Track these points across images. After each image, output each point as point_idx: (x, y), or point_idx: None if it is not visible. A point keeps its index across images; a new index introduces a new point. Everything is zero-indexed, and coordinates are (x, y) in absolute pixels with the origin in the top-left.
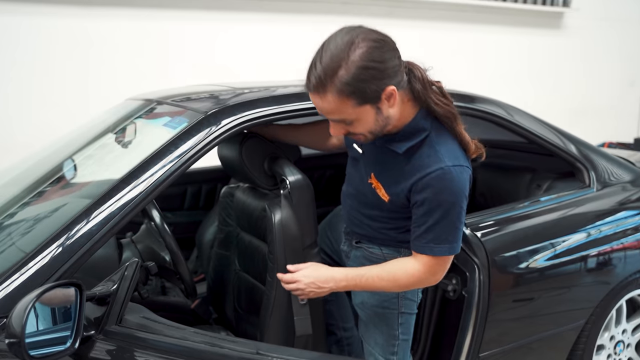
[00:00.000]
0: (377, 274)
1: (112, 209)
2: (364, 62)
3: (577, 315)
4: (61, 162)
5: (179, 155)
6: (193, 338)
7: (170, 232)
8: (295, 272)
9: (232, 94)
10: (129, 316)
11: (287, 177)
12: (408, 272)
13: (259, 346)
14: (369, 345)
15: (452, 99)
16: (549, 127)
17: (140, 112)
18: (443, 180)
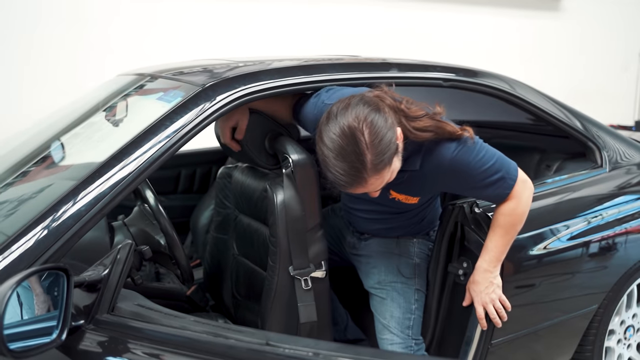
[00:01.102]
0: (498, 239)
1: (102, 188)
2: (375, 138)
3: (590, 300)
4: (47, 141)
5: (175, 130)
6: (194, 327)
7: (165, 214)
8: (476, 306)
9: (228, 67)
10: (122, 304)
11: (290, 155)
12: (516, 205)
13: (269, 336)
14: (384, 319)
15: (423, 110)
16: (557, 103)
17: (133, 87)
18: (457, 166)
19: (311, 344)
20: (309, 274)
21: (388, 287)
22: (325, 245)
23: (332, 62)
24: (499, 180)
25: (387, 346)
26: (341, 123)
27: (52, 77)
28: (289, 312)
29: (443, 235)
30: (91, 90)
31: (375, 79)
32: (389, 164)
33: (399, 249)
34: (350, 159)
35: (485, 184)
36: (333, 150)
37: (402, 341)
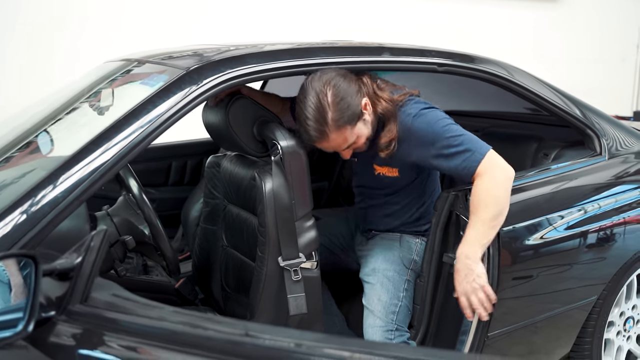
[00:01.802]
0: (477, 224)
1: (80, 174)
2: (336, 98)
3: (589, 291)
4: (31, 128)
5: (158, 115)
6: (172, 318)
7: (149, 203)
8: (458, 296)
9: (219, 51)
10: (96, 293)
11: (279, 141)
12: (489, 186)
13: (249, 327)
14: (371, 304)
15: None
16: (556, 90)
17: (119, 72)
18: (420, 128)
19: (294, 335)
20: (299, 265)
21: (380, 274)
22: (316, 235)
23: (322, 46)
24: (465, 152)
25: (368, 330)
26: (313, 85)
27: (44, 67)
28: (278, 304)
29: (437, 223)
30: (78, 78)
31: (367, 62)
32: (350, 125)
33: (401, 244)
34: (316, 115)
35: (451, 153)
36: (305, 109)
37: (384, 324)
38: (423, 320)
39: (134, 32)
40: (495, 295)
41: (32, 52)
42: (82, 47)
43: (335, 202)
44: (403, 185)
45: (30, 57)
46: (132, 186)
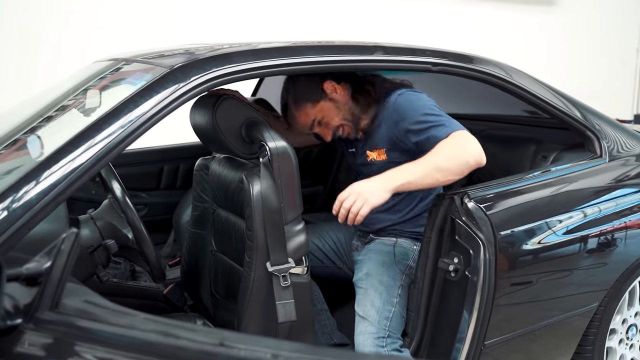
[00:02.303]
0: (427, 158)
1: (57, 175)
2: (297, 84)
3: (590, 298)
4: (11, 130)
5: (140, 114)
6: (143, 326)
7: (132, 206)
8: (339, 196)
9: (212, 49)
10: (67, 300)
11: (267, 142)
12: (450, 145)
13: (225, 336)
14: (363, 310)
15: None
16: (555, 92)
17: (106, 72)
18: (401, 104)
19: (271, 344)
20: (288, 270)
21: (373, 279)
22: (306, 240)
23: (312, 45)
24: (437, 127)
25: (359, 337)
26: None
27: (32, 69)
28: (266, 311)
29: (432, 228)
30: (65, 78)
31: (358, 62)
32: (309, 103)
33: (397, 249)
34: (284, 95)
35: (422, 128)
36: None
37: (376, 331)
38: (417, 328)
39: (129, 34)
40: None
41: (20, 53)
42: (73, 47)
43: (330, 206)
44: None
45: (19, 58)
46: (115, 189)
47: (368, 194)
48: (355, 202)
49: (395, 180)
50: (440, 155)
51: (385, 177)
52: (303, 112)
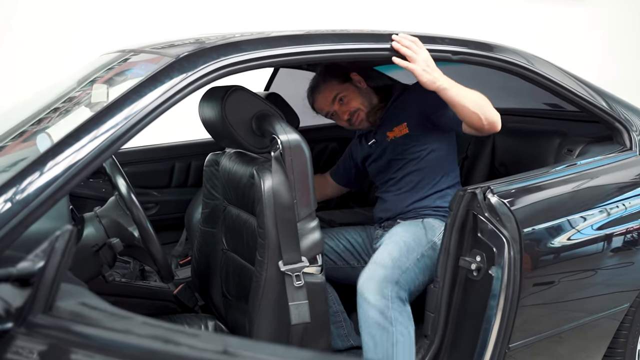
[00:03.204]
0: (464, 88)
1: (56, 170)
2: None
3: (620, 298)
4: (15, 125)
5: (143, 105)
6: (140, 331)
7: (139, 203)
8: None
9: (223, 39)
10: (62, 302)
11: (279, 135)
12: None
13: (228, 342)
14: (376, 257)
15: None
16: (579, 81)
17: (113, 63)
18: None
19: (278, 352)
20: (302, 270)
21: (398, 237)
22: (320, 238)
23: (325, 33)
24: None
25: (363, 282)
26: None
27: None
28: (279, 313)
29: (453, 224)
30: (74, 71)
31: (374, 50)
32: (336, 80)
33: (426, 224)
34: (316, 77)
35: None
36: None
37: (384, 275)
38: (438, 330)
39: (141, 30)
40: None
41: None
42: (83, 42)
43: (345, 204)
44: (417, 147)
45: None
46: (120, 185)
47: (429, 60)
48: (415, 51)
49: (444, 78)
50: (474, 92)
51: (441, 74)
52: (329, 87)
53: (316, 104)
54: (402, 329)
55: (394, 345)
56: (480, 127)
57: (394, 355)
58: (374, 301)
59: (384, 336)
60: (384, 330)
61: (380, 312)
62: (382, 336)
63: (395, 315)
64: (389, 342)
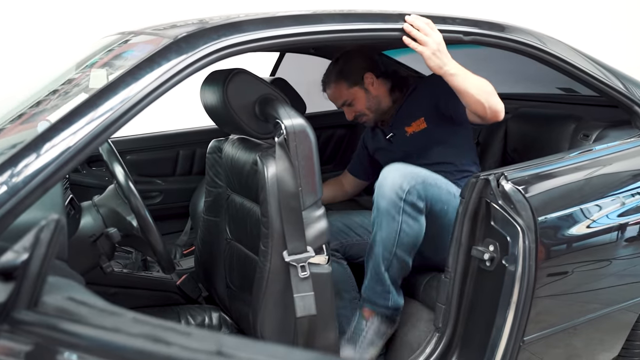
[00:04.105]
0: (472, 74)
1: (47, 157)
2: (344, 65)
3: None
4: (9, 111)
5: (140, 89)
6: (130, 329)
7: (137, 191)
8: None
9: (227, 19)
10: (48, 297)
11: (283, 119)
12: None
13: (223, 342)
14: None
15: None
16: (595, 62)
17: (113, 45)
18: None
19: (278, 353)
20: (307, 260)
21: None
22: (326, 227)
23: (332, 13)
24: None
25: (379, 188)
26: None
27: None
28: (283, 305)
29: (465, 213)
30: (74, 54)
31: (383, 30)
32: (346, 84)
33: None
34: (331, 67)
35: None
36: None
37: (401, 182)
38: (449, 322)
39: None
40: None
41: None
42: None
43: None
44: (437, 140)
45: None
46: (118, 173)
47: (441, 44)
48: (427, 33)
49: (453, 63)
50: (480, 79)
51: (451, 59)
52: (338, 89)
53: (327, 95)
54: (410, 222)
55: (397, 232)
56: (483, 114)
57: (396, 241)
58: (391, 185)
59: (390, 223)
60: (392, 218)
61: (393, 197)
62: (388, 223)
63: (406, 210)
64: (392, 228)
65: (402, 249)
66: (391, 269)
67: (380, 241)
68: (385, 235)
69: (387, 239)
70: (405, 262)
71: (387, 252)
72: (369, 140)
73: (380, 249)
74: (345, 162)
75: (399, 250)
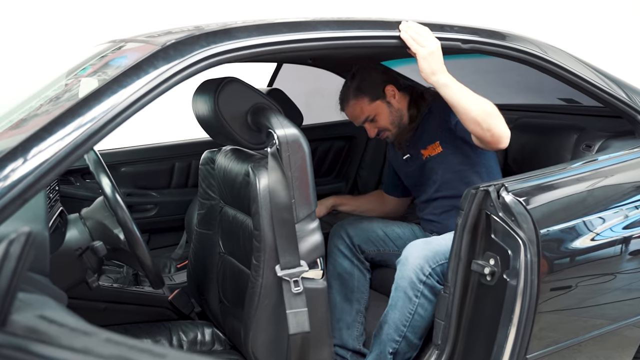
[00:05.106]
0: (472, 93)
1: (26, 167)
2: (364, 79)
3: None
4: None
5: (125, 97)
6: (101, 350)
7: (124, 204)
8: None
9: (223, 27)
10: (18, 315)
11: (275, 129)
12: (490, 104)
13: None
14: (435, 240)
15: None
16: (597, 71)
17: (104, 53)
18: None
19: None
20: (300, 275)
21: None
22: (321, 240)
23: (325, 20)
24: None
25: (408, 248)
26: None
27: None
28: (276, 321)
29: (464, 225)
30: (67, 63)
31: (379, 38)
32: (367, 98)
33: None
34: (346, 83)
35: None
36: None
37: (429, 256)
38: (449, 339)
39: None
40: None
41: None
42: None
43: None
44: (454, 165)
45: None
46: (104, 184)
47: (437, 53)
48: (421, 40)
49: (446, 74)
50: (481, 98)
51: (445, 71)
52: (359, 105)
53: (346, 113)
54: (426, 305)
55: (411, 314)
56: (481, 136)
57: (409, 323)
58: (413, 267)
59: (406, 304)
60: (408, 299)
61: (414, 279)
62: (404, 304)
63: (425, 292)
64: (407, 309)
65: (412, 332)
66: (397, 355)
67: (392, 322)
68: (398, 316)
69: (400, 320)
70: (413, 345)
71: (397, 334)
72: (393, 159)
73: (391, 330)
74: (344, 173)
75: (410, 333)
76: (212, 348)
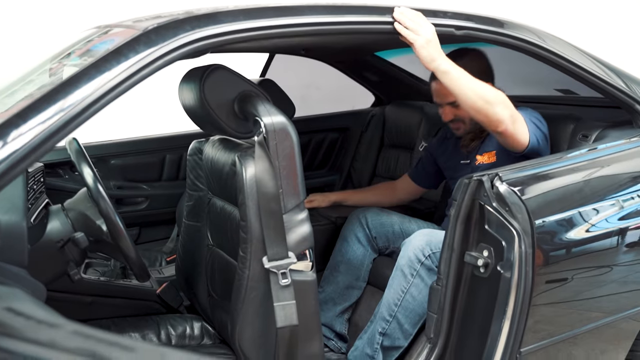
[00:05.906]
0: (474, 79)
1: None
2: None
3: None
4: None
5: (104, 82)
6: (67, 344)
7: (106, 194)
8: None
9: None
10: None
11: (262, 117)
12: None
13: (168, 357)
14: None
15: None
16: (595, 59)
17: (89, 38)
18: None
19: None
20: (288, 267)
21: None
22: (310, 231)
23: (315, 4)
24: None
25: (415, 234)
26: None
27: None
28: (263, 314)
29: (457, 216)
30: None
31: (370, 23)
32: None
33: None
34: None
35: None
36: None
37: (432, 241)
38: (441, 332)
39: None
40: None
41: None
42: None
43: None
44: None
45: None
46: (86, 174)
47: (434, 39)
48: (416, 27)
49: (446, 60)
50: (483, 85)
51: (444, 56)
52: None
53: (434, 85)
54: (421, 287)
55: (404, 292)
56: (480, 120)
57: (400, 302)
58: (414, 247)
59: (401, 281)
60: (404, 277)
61: (412, 258)
62: (399, 281)
63: (421, 273)
64: (400, 287)
65: (403, 314)
66: (387, 337)
67: (385, 300)
68: (392, 294)
69: (392, 299)
70: (404, 331)
71: (389, 313)
72: (439, 154)
73: (383, 309)
74: (338, 166)
75: (401, 315)
76: (201, 342)
